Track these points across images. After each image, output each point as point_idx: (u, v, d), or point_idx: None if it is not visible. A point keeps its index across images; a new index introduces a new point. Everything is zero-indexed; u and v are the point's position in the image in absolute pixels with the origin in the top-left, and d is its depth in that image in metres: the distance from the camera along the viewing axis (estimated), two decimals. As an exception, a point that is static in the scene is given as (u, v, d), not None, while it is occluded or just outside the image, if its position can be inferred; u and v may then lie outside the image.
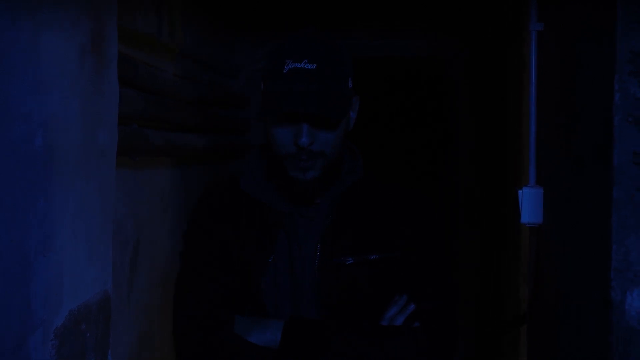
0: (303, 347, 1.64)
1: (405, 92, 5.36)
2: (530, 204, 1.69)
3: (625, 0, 1.17)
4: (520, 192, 1.71)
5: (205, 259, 1.76)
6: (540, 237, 1.73)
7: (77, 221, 1.63)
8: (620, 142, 1.19)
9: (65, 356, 1.56)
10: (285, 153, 1.70)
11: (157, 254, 2.96)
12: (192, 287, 1.74)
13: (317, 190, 1.74)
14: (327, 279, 1.72)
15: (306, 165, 1.69)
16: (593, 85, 1.34)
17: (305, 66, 1.66)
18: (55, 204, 1.52)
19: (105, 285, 1.82)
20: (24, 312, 1.42)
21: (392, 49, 3.97)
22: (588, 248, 1.35)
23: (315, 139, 1.68)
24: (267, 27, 4.18)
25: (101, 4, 1.73)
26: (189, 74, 3.17)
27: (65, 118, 1.54)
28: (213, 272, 1.74)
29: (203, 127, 3.27)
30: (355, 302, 1.72)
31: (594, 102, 1.33)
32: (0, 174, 1.31)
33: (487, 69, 3.86)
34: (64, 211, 1.56)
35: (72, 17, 1.57)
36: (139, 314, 2.72)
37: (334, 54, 1.71)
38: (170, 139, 2.70)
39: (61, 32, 1.52)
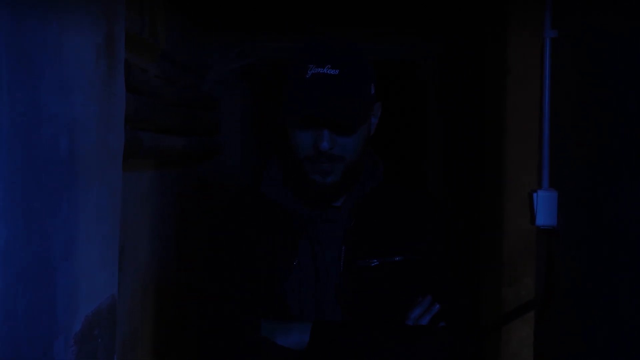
0: (331, 349, 1.65)
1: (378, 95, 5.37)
2: (544, 206, 1.73)
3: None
4: (535, 195, 1.74)
5: (229, 264, 1.75)
6: (556, 239, 1.76)
7: (92, 225, 1.61)
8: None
9: (82, 362, 1.54)
10: (304, 156, 1.69)
11: (139, 258, 2.94)
12: (217, 292, 1.73)
13: (336, 194, 1.74)
14: (351, 281, 1.72)
15: (326, 169, 1.69)
16: (633, 95, 1.37)
17: (328, 71, 1.66)
18: (76, 209, 1.50)
19: (113, 290, 1.80)
20: (50, 318, 1.40)
21: (364, 51, 3.97)
22: (629, 251, 1.38)
23: (336, 144, 1.68)
24: (236, 28, 4.16)
25: (113, 7, 1.71)
26: (168, 75, 3.14)
27: (85, 121, 1.52)
28: (238, 277, 1.73)
29: (182, 129, 3.24)
30: (379, 304, 1.73)
31: (634, 111, 1.36)
32: (30, 177, 1.28)
33: (460, 73, 3.90)
34: (83, 215, 1.53)
35: (90, 20, 1.55)
36: (123, 319, 2.69)
37: (356, 60, 1.71)
38: (159, 142, 2.68)
39: (81, 34, 1.50)
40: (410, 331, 1.70)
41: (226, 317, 1.69)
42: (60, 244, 1.42)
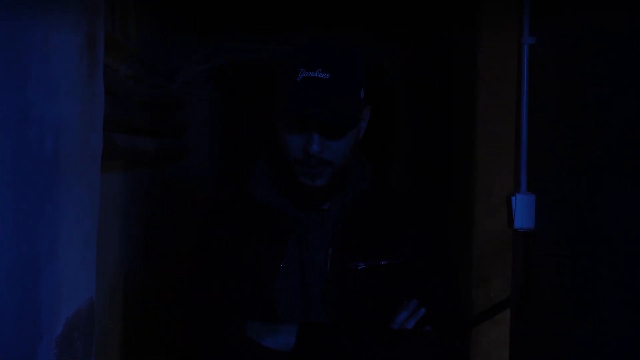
0: (317, 351, 1.65)
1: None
2: (523, 209, 1.75)
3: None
4: (513, 198, 1.76)
5: (215, 265, 1.74)
6: (533, 242, 1.79)
7: (74, 227, 1.60)
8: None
9: (63, 366, 1.53)
10: (294, 159, 1.70)
11: (109, 260, 2.91)
12: (203, 294, 1.72)
13: (324, 196, 1.74)
14: (337, 283, 1.73)
15: (315, 172, 1.69)
16: (617, 99, 1.40)
17: (319, 75, 1.66)
18: (59, 210, 1.49)
19: (91, 292, 1.79)
20: (35, 320, 1.38)
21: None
22: (613, 254, 1.41)
23: (325, 148, 1.69)
24: (205, 30, 4.15)
25: (94, 7, 1.70)
26: (138, 76, 3.13)
27: (69, 121, 1.51)
28: (224, 278, 1.72)
29: (152, 130, 3.23)
30: (365, 307, 1.74)
31: (617, 114, 1.39)
32: (15, 178, 1.27)
33: (428, 78, 3.94)
34: (65, 216, 1.52)
35: (73, 19, 1.54)
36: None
37: (347, 64, 1.72)
38: (131, 142, 2.67)
39: (65, 34, 1.49)
40: (397, 334, 1.70)
41: (212, 318, 1.69)
42: (44, 245, 1.41)
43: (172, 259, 3.99)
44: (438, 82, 3.81)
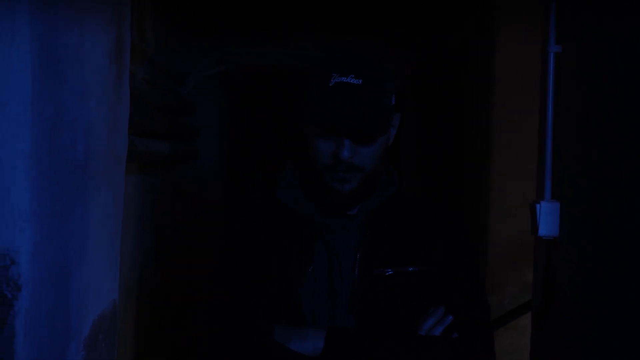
0: (346, 356, 1.65)
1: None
2: (547, 217, 1.76)
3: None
4: (537, 205, 1.77)
5: (243, 270, 1.74)
6: (557, 249, 1.79)
7: (100, 230, 1.60)
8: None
9: (90, 367, 1.54)
10: (324, 165, 1.69)
11: (123, 263, 2.92)
12: (231, 299, 1.72)
13: (353, 202, 1.74)
14: (365, 289, 1.73)
15: (344, 177, 1.69)
16: (635, 106, 1.41)
17: (351, 81, 1.67)
18: (88, 213, 1.50)
19: (115, 295, 1.80)
20: (65, 323, 1.39)
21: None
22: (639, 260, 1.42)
23: (356, 154, 1.69)
24: (213, 35, 4.16)
25: (122, 12, 1.71)
26: (154, 79, 3.13)
27: (99, 126, 1.52)
28: (252, 283, 1.72)
29: (166, 133, 3.24)
30: (392, 313, 1.74)
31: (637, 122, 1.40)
32: (51, 181, 1.28)
33: (440, 84, 3.94)
34: (93, 219, 1.53)
35: (103, 24, 1.55)
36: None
37: (379, 71, 1.72)
38: (148, 146, 2.68)
39: (97, 39, 1.50)
40: (424, 341, 1.70)
41: (240, 322, 1.69)
42: (75, 248, 1.42)
43: (181, 261, 3.99)
44: (449, 88, 3.81)
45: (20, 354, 1.17)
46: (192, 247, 4.19)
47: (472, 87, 3.46)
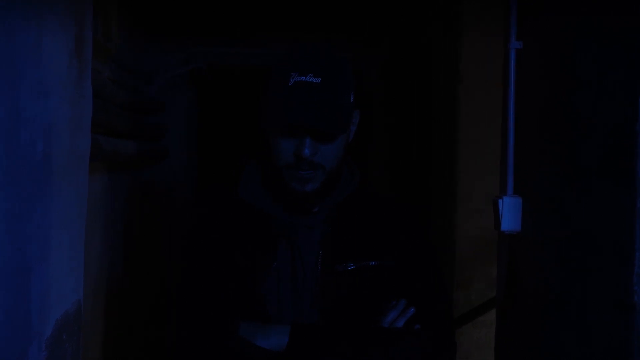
0: (310, 351, 1.66)
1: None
2: (509, 212, 1.78)
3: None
4: (500, 201, 1.78)
5: (207, 267, 1.75)
6: (519, 245, 1.81)
7: (62, 230, 1.59)
8: (643, 155, 1.28)
9: (53, 368, 1.53)
10: (285, 163, 1.70)
11: (90, 263, 2.90)
12: (195, 297, 1.73)
13: (315, 201, 1.76)
14: (329, 285, 1.75)
15: (306, 176, 1.71)
16: (602, 104, 1.43)
17: (310, 80, 1.68)
18: (49, 213, 1.49)
19: (79, 295, 1.79)
20: (25, 323, 1.38)
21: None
22: (598, 255, 1.44)
23: (317, 151, 1.70)
24: (181, 34, 4.15)
25: (82, 10, 1.70)
26: (119, 78, 3.12)
27: (59, 124, 1.51)
28: (216, 281, 1.73)
29: (133, 133, 3.22)
30: (355, 308, 1.75)
31: (604, 119, 1.42)
32: (7, 180, 1.27)
33: (406, 83, 3.95)
34: (55, 219, 1.52)
35: (63, 21, 1.54)
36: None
37: (338, 69, 1.73)
38: (114, 145, 2.66)
39: (57, 37, 1.49)
40: (387, 333, 1.72)
41: (205, 319, 1.69)
42: (35, 248, 1.41)
43: (151, 262, 3.97)
44: (417, 86, 3.83)
45: (-21, 354, 1.16)
46: (163, 247, 4.18)
47: (438, 86, 3.48)
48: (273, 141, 1.71)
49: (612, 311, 1.36)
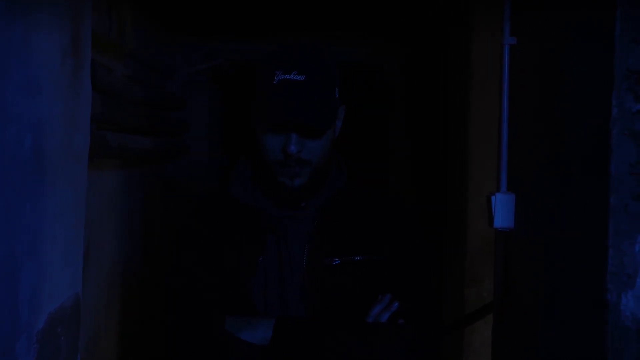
0: (294, 345, 1.69)
1: (343, 98, 5.36)
2: (502, 209, 1.77)
3: (622, 23, 1.25)
4: (493, 197, 1.78)
5: (196, 262, 1.79)
6: (512, 241, 1.81)
7: (56, 225, 1.62)
8: (617, 154, 1.27)
9: (45, 360, 1.55)
10: (273, 160, 1.75)
11: (104, 257, 2.94)
12: (184, 289, 1.77)
13: (304, 196, 1.79)
14: (314, 279, 1.78)
15: (294, 171, 1.75)
16: (582, 100, 1.42)
17: (295, 77, 1.73)
18: (40, 209, 1.51)
19: (77, 289, 1.81)
20: (13, 317, 1.40)
21: (330, 54, 4.00)
22: (578, 252, 1.43)
23: (304, 147, 1.75)
24: (204, 29, 4.17)
25: (79, 7, 1.72)
26: (135, 75, 3.15)
27: (51, 120, 1.54)
28: (204, 275, 1.77)
29: (148, 129, 3.26)
30: (341, 302, 1.79)
31: (583, 115, 1.41)
32: (-5, 177, 1.29)
33: (425, 77, 3.95)
34: (46, 215, 1.55)
35: (56, 19, 1.56)
36: (87, 317, 2.70)
37: (322, 66, 1.78)
38: (125, 142, 2.69)
39: (48, 34, 1.51)
40: (371, 327, 1.75)
41: (192, 313, 1.73)
42: (23, 242, 1.43)
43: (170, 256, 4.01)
44: (435, 82, 3.82)
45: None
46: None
47: (454, 82, 3.47)
48: (261, 138, 1.76)
49: (591, 310, 1.35)
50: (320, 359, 1.71)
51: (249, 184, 1.84)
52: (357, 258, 1.81)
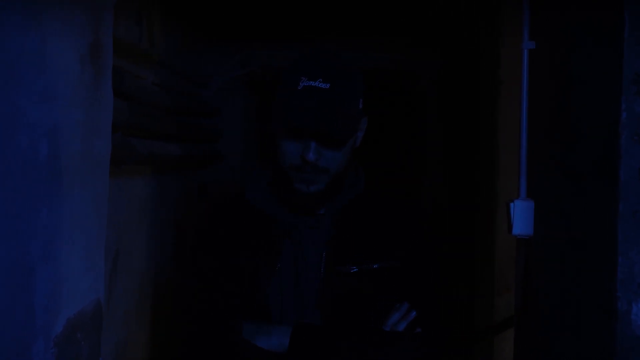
0: (311, 352, 1.69)
1: (378, 104, 5.38)
2: (521, 216, 1.75)
3: (631, 28, 1.23)
4: (512, 204, 1.76)
5: (213, 268, 1.79)
6: (531, 249, 1.78)
7: (75, 230, 1.64)
8: (626, 159, 1.25)
9: (63, 364, 1.57)
10: (290, 165, 1.74)
11: (134, 262, 2.97)
12: (201, 296, 1.78)
13: (319, 203, 1.78)
14: (331, 286, 1.78)
15: (310, 178, 1.74)
16: (592, 104, 1.40)
17: (319, 85, 1.71)
18: (57, 213, 1.53)
19: (98, 294, 1.83)
20: (28, 319, 1.42)
21: (365, 61, 4.01)
22: (589, 260, 1.41)
23: (322, 156, 1.73)
24: (236, 37, 4.19)
25: (100, 15, 1.74)
26: (166, 83, 3.18)
27: (68, 127, 1.55)
28: (221, 281, 1.77)
29: (179, 136, 3.28)
30: (357, 309, 1.78)
31: (594, 120, 1.39)
32: (7, 182, 1.31)
33: (458, 84, 3.92)
34: (64, 220, 1.56)
35: (74, 26, 1.58)
36: (117, 322, 2.72)
37: (347, 75, 1.75)
38: (152, 148, 2.71)
39: (65, 42, 1.53)
40: (388, 336, 1.73)
41: (209, 319, 1.73)
42: (38, 247, 1.45)
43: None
44: (467, 89, 3.80)
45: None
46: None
47: (484, 88, 3.45)
48: (280, 143, 1.75)
49: (601, 319, 1.32)
50: None
51: (266, 190, 1.83)
52: (375, 266, 1.79)
